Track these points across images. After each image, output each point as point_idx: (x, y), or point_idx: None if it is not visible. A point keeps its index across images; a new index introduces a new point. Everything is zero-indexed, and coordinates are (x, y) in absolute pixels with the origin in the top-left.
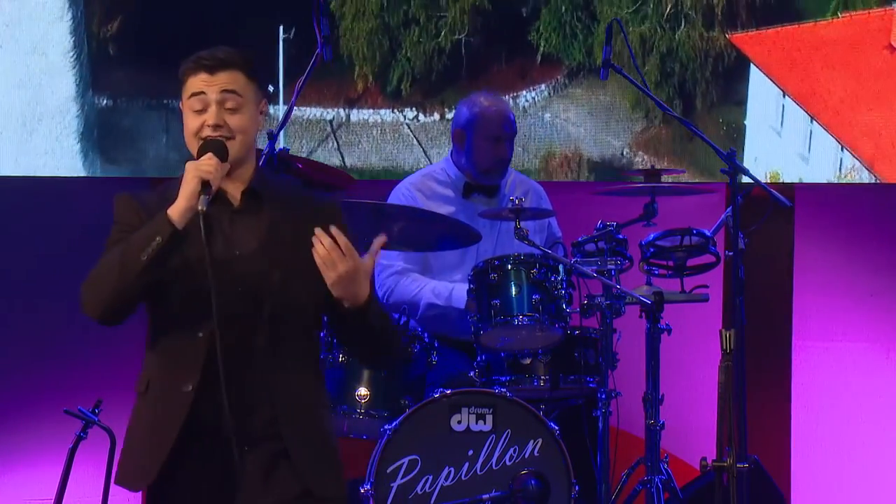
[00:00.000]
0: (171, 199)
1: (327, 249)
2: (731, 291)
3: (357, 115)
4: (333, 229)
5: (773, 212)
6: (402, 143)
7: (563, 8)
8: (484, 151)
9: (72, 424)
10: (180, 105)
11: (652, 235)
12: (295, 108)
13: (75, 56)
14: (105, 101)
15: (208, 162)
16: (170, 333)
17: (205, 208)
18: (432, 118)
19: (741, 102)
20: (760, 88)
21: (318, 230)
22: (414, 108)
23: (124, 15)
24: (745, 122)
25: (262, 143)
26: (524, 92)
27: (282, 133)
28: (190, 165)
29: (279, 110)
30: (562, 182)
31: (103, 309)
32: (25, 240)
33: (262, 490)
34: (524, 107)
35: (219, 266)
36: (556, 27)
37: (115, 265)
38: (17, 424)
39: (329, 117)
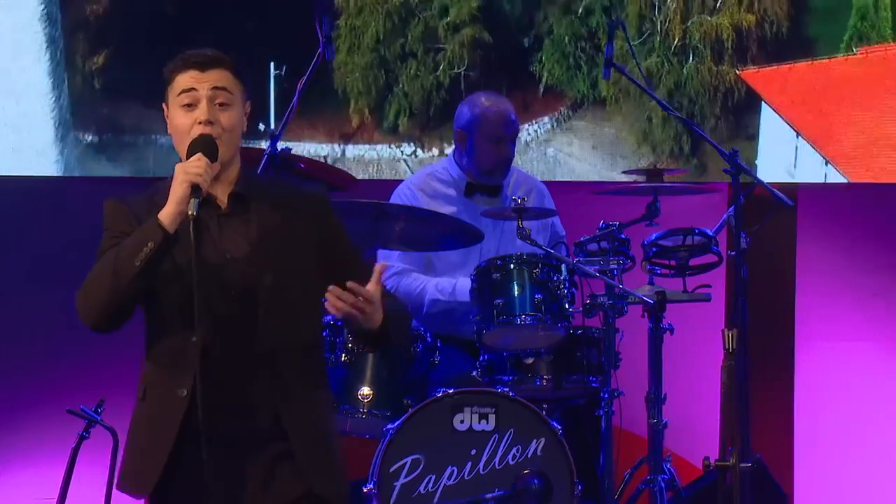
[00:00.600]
0: (161, 203)
1: (348, 306)
2: (733, 291)
3: (353, 150)
4: (350, 284)
5: (775, 211)
6: (400, 179)
7: (567, 39)
8: (486, 152)
9: (74, 424)
10: (164, 105)
11: (654, 235)
12: (288, 144)
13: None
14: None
15: (197, 164)
16: (164, 338)
17: (195, 212)
18: (431, 154)
19: (752, 137)
20: (773, 127)
21: (332, 289)
22: (412, 144)
23: (109, 49)
24: (757, 162)
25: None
26: (526, 125)
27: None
28: (179, 168)
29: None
30: (564, 181)
31: (97, 316)
32: (27, 240)
33: (264, 491)
34: (526, 141)
35: (210, 270)
36: (560, 58)
37: (108, 272)
38: (20, 424)
39: (324, 153)
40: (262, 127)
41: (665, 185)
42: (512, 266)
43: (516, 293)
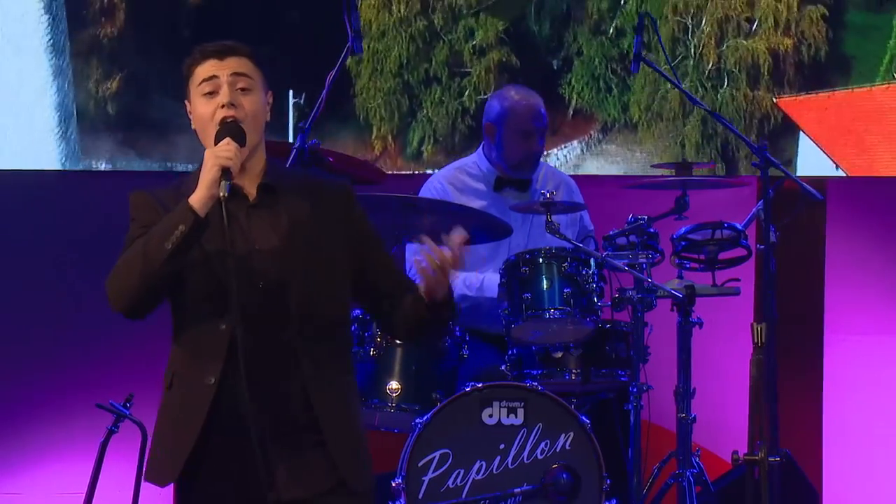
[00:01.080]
0: (188, 193)
1: (439, 266)
2: (762, 285)
3: None
4: (452, 237)
5: (804, 205)
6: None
7: (597, 60)
8: (514, 146)
9: (103, 418)
10: (186, 101)
11: (683, 229)
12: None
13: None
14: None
15: (227, 147)
16: (192, 327)
17: (226, 194)
18: None
19: (788, 165)
20: (810, 156)
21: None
22: (436, 170)
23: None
24: None
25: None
26: (555, 150)
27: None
28: (209, 153)
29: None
30: (593, 175)
31: (128, 301)
32: (57, 235)
33: (294, 482)
34: (555, 165)
35: (239, 261)
36: (589, 81)
37: (139, 257)
38: (50, 418)
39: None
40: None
41: (694, 178)
42: (540, 260)
43: (545, 287)
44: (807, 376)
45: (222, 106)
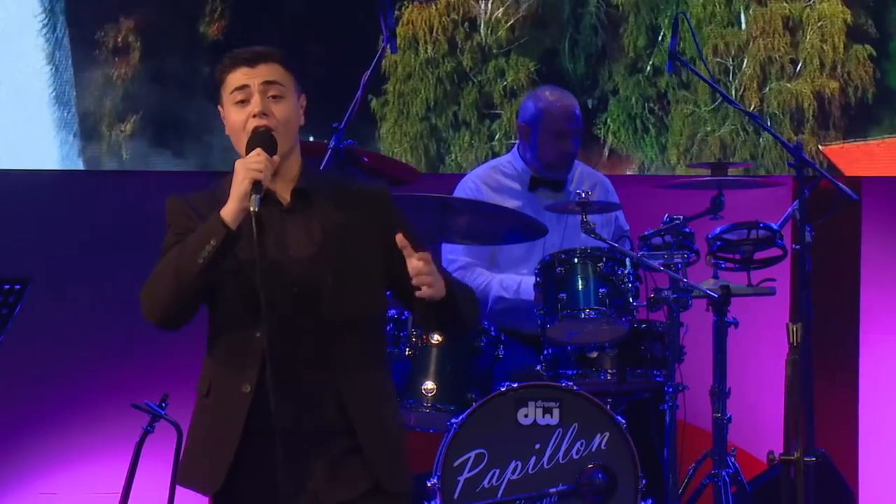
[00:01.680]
0: (222, 199)
1: (425, 268)
2: (798, 285)
3: None
4: (414, 257)
5: (840, 205)
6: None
7: (634, 99)
8: (549, 146)
9: (139, 418)
10: (219, 108)
11: (719, 229)
12: None
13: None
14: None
15: (257, 159)
16: (227, 335)
17: (257, 208)
18: None
19: None
20: None
21: (399, 239)
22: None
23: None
24: None
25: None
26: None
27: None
28: (239, 165)
29: None
30: (629, 175)
31: (162, 314)
32: (93, 236)
33: (332, 486)
34: None
35: (272, 268)
36: (626, 121)
37: (171, 270)
38: (85, 419)
39: None
40: None
41: (730, 178)
42: (576, 260)
43: (580, 287)
44: (842, 376)
45: (253, 115)
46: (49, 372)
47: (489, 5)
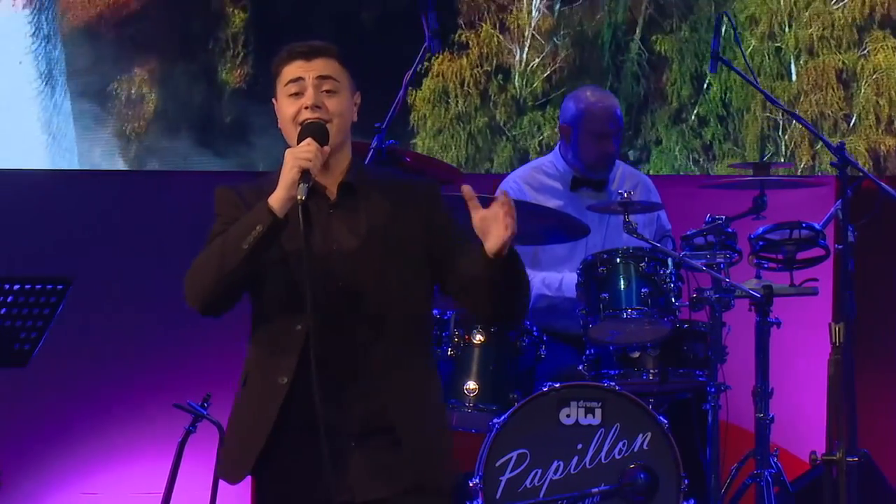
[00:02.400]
0: (269, 191)
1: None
2: (840, 285)
3: None
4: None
5: (882, 205)
6: None
7: (677, 150)
8: (589, 147)
9: (181, 418)
10: (273, 100)
11: (761, 229)
12: None
13: None
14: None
15: (307, 148)
16: (268, 326)
17: (304, 197)
18: None
19: None
20: None
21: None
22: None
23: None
24: None
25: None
26: None
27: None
28: (289, 154)
29: None
30: (671, 175)
31: (204, 299)
32: (133, 236)
33: (372, 482)
34: None
35: (317, 261)
36: (669, 172)
37: (216, 255)
38: (128, 419)
39: None
40: None
41: (772, 178)
42: (618, 260)
43: (622, 287)
44: (885, 376)
45: (306, 107)
46: (91, 372)
47: (524, 55)
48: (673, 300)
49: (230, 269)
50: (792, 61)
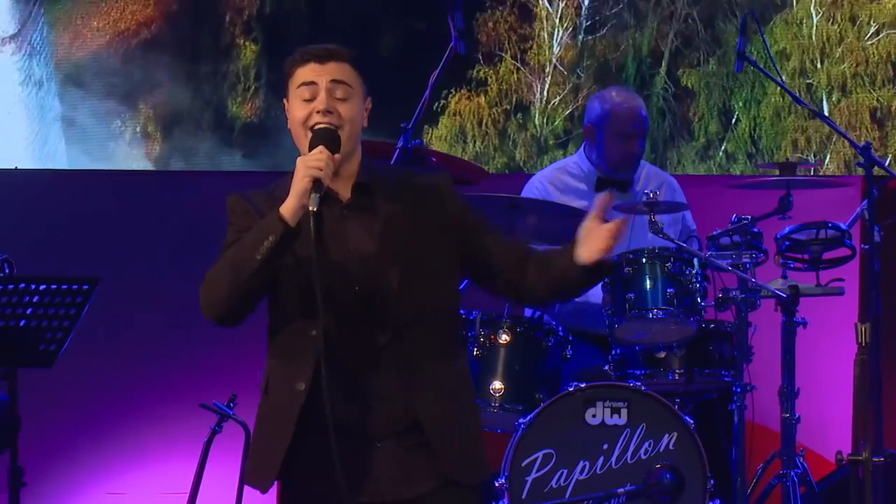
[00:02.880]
0: (280, 198)
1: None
2: (866, 285)
3: None
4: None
5: None
6: None
7: None
8: (614, 147)
9: (207, 418)
10: (284, 101)
11: (787, 229)
12: None
13: None
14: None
15: (318, 157)
16: (284, 332)
17: (316, 207)
18: None
19: None
20: None
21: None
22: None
23: None
24: None
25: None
26: None
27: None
28: (300, 162)
29: None
30: (696, 175)
31: (219, 310)
32: (162, 236)
33: (398, 483)
34: None
35: (333, 266)
36: None
37: (229, 266)
38: (154, 419)
39: None
40: None
41: (798, 178)
42: (644, 260)
43: (648, 287)
44: None
45: (318, 112)
46: (117, 372)
47: (545, 92)
48: (699, 300)
49: (244, 280)
50: (824, 99)
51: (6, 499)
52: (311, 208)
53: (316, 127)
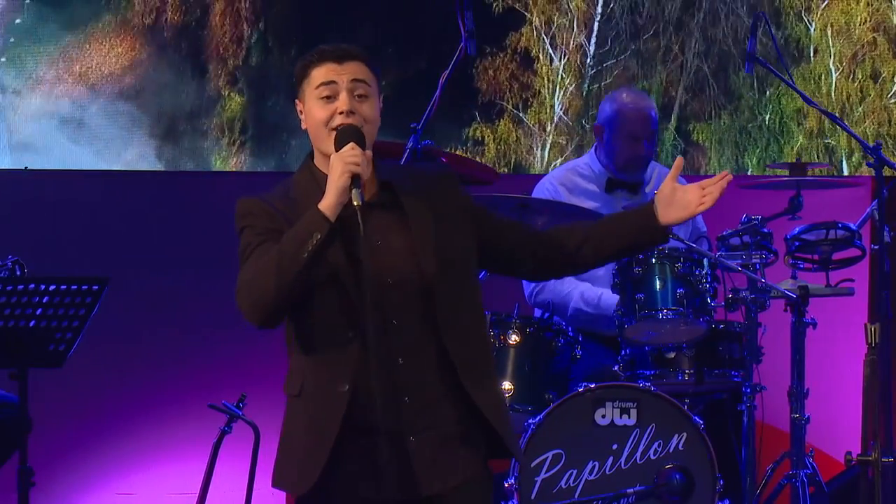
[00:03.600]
0: (299, 199)
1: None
2: (876, 285)
3: None
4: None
5: None
6: None
7: None
8: (621, 148)
9: (216, 419)
10: (297, 102)
11: (797, 229)
12: None
13: None
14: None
15: (353, 153)
16: (320, 334)
17: (360, 202)
18: None
19: None
20: None
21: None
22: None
23: None
24: None
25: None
26: None
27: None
28: (336, 160)
29: None
30: (706, 176)
31: (264, 312)
32: (170, 236)
33: (442, 474)
34: None
35: (370, 262)
36: None
37: (272, 268)
38: (163, 419)
39: None
40: None
41: (808, 178)
42: (653, 260)
43: (658, 287)
44: None
45: (341, 112)
46: (126, 373)
47: (545, 153)
48: (708, 300)
49: (289, 280)
50: (844, 161)
51: (16, 499)
52: (355, 202)
53: (339, 126)
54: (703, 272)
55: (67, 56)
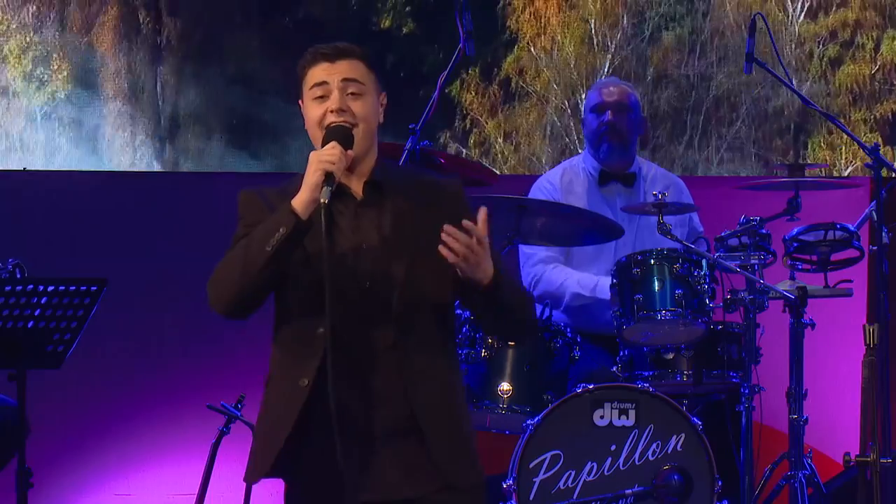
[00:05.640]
0: (294, 194)
1: (463, 247)
2: (874, 286)
3: None
4: (465, 223)
5: None
6: None
7: None
8: (591, 124)
9: (215, 419)
10: (300, 102)
11: (795, 230)
12: None
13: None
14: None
15: (331, 152)
16: (290, 327)
17: (327, 200)
18: None
19: None
20: None
21: (447, 228)
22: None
23: None
24: None
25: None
26: None
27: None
28: (313, 156)
29: None
30: (705, 177)
31: (227, 303)
32: (170, 237)
33: (403, 481)
34: None
35: (343, 261)
36: None
37: (240, 258)
38: (161, 420)
39: None
40: None
41: (806, 179)
42: (652, 261)
43: (657, 288)
44: None
45: (331, 111)
46: (125, 374)
47: None
48: (707, 301)
49: (253, 274)
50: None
51: (14, 500)
52: (322, 200)
53: (329, 125)
54: (702, 273)
55: (67, 56)
